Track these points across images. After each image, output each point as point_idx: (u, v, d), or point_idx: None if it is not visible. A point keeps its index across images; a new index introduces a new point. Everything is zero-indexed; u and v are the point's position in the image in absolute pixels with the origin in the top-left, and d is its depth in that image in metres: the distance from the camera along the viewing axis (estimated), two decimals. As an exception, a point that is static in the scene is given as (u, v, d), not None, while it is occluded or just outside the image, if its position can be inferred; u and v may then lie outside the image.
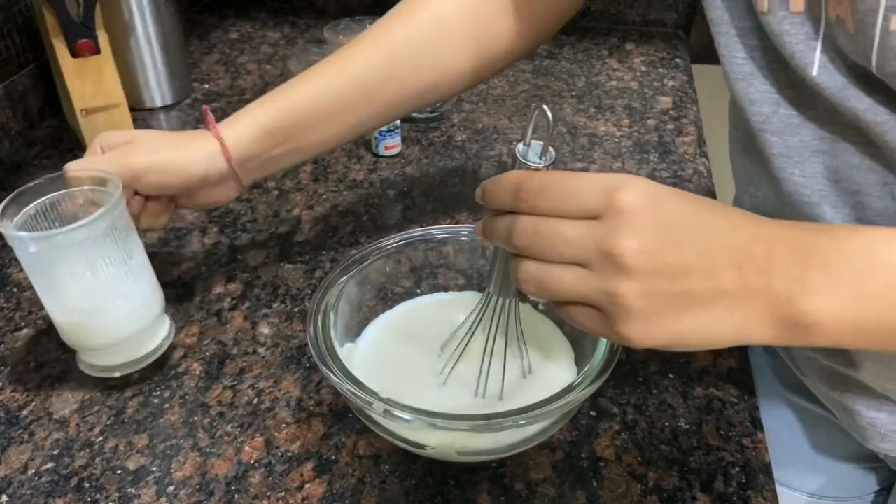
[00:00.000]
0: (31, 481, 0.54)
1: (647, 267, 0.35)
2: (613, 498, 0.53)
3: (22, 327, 0.68)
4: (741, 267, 0.35)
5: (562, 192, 0.36)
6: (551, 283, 0.38)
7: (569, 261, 0.37)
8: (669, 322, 0.36)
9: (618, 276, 0.35)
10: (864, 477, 0.70)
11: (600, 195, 0.36)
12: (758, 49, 0.48)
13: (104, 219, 0.55)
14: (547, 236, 0.37)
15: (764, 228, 0.35)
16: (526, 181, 0.38)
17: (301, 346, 0.65)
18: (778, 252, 0.34)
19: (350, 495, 0.53)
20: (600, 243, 0.35)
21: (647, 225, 0.35)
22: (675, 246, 0.35)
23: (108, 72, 0.91)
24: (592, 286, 0.36)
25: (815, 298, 0.34)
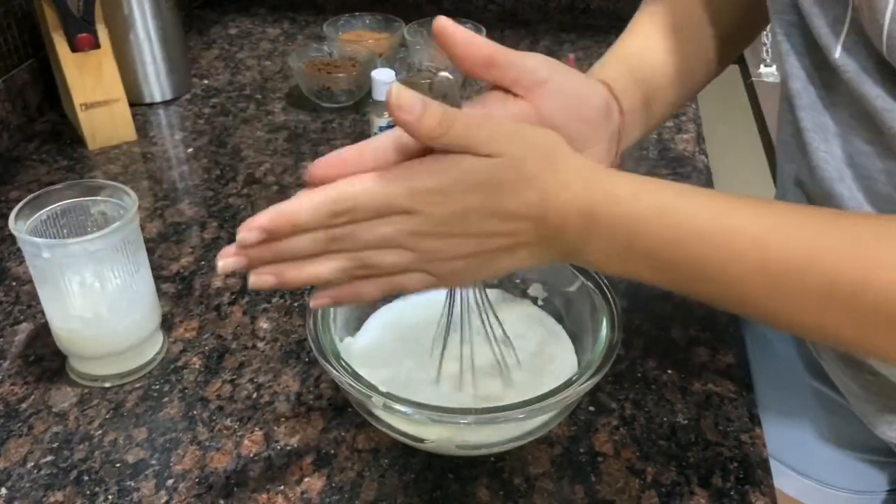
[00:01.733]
0: (31, 474, 0.54)
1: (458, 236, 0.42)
2: (612, 492, 0.53)
3: (21, 321, 0.68)
4: (538, 230, 0.42)
5: (374, 205, 0.41)
6: (388, 261, 0.42)
7: (392, 246, 0.42)
8: (485, 267, 0.44)
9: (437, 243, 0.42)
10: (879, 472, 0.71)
11: (411, 200, 0.40)
12: (794, 26, 0.49)
13: (120, 232, 0.56)
14: (368, 238, 0.42)
15: (556, 198, 0.41)
16: (336, 201, 0.40)
17: (300, 341, 0.66)
18: (569, 218, 0.42)
19: (349, 489, 0.53)
20: (417, 230, 0.41)
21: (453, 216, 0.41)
22: (478, 222, 0.41)
23: (108, 66, 0.91)
24: (417, 256, 0.42)
25: (594, 252, 0.43)
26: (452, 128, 0.39)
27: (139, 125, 0.98)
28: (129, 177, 0.89)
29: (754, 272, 0.40)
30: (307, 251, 0.42)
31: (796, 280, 0.39)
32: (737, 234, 0.40)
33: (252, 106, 1.05)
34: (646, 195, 0.42)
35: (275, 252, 0.42)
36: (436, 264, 0.43)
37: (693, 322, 0.67)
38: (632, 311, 0.68)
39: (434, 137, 0.39)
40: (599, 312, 0.54)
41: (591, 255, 0.43)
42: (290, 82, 1.11)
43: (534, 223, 0.42)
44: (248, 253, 0.41)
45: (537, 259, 0.44)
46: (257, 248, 0.41)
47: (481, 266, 0.43)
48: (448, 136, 0.40)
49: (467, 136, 0.40)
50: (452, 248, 0.42)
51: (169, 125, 1.02)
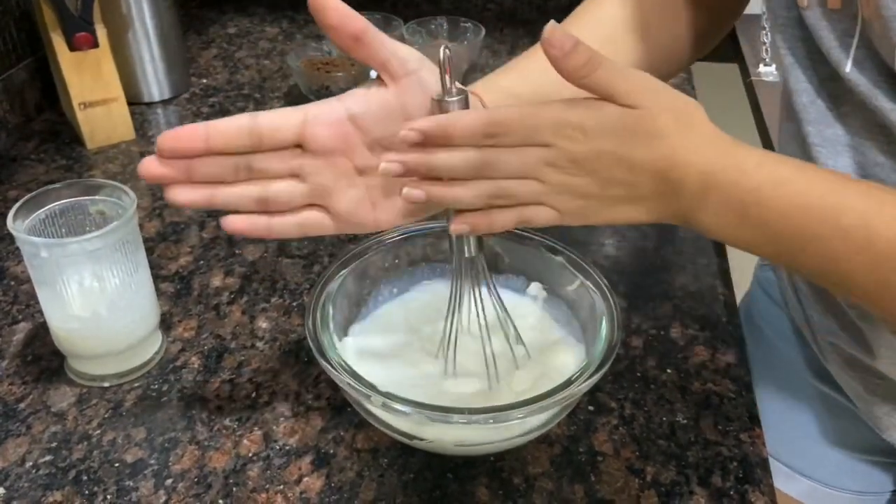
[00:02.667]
0: (29, 474, 0.54)
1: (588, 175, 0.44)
2: (611, 492, 0.53)
3: (19, 320, 0.68)
4: (658, 186, 0.43)
5: (523, 131, 0.43)
6: (523, 190, 0.44)
7: (528, 176, 0.44)
8: (602, 212, 0.45)
9: (568, 179, 0.44)
10: (883, 473, 0.71)
11: (554, 133, 0.42)
12: (799, 40, 0.49)
13: (118, 231, 0.56)
14: (512, 164, 0.44)
15: (683, 159, 0.43)
16: (490, 123, 0.42)
17: (299, 341, 0.65)
18: (689, 178, 0.43)
19: (348, 489, 0.53)
20: (554, 163, 0.43)
21: (587, 155, 0.43)
22: (607, 166, 0.43)
23: (106, 66, 0.91)
24: (547, 188, 0.44)
25: (708, 216, 0.44)
26: (597, 71, 0.41)
27: (138, 124, 0.98)
28: (127, 176, 0.89)
29: (858, 249, 0.41)
30: (455, 169, 0.44)
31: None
32: (846, 210, 0.41)
33: (251, 105, 1.05)
34: (768, 166, 0.43)
35: (428, 161, 0.44)
36: (563, 199, 0.44)
37: (692, 321, 0.67)
38: (631, 311, 0.68)
39: (579, 76, 0.41)
40: (599, 312, 0.54)
41: (704, 219, 0.44)
42: (288, 81, 1.11)
43: (655, 178, 0.43)
44: (406, 160, 0.44)
45: (653, 214, 0.45)
46: (414, 154, 0.43)
47: (602, 209, 0.45)
48: (591, 78, 0.41)
49: (609, 83, 0.42)
50: (580, 186, 0.44)
51: (167, 124, 1.01)
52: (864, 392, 0.60)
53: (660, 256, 0.76)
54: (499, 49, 1.20)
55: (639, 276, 0.74)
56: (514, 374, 0.55)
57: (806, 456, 0.73)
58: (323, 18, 0.44)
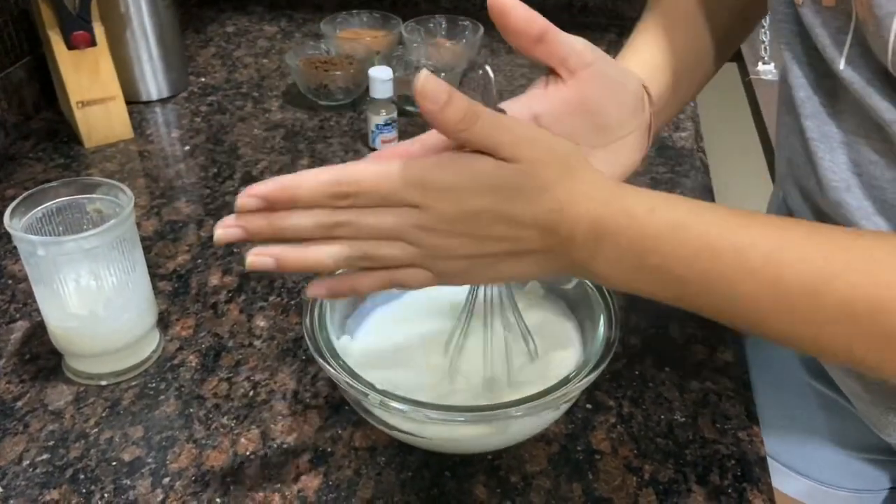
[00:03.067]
0: (26, 472, 0.54)
1: (463, 236, 0.41)
2: (609, 490, 0.53)
3: (17, 319, 0.67)
4: (547, 240, 0.41)
5: (380, 192, 0.40)
6: (389, 254, 0.42)
7: (393, 238, 0.41)
8: (487, 271, 0.43)
9: (440, 241, 0.41)
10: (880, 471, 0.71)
11: (421, 194, 0.40)
12: (797, 36, 0.49)
13: (115, 230, 0.56)
14: (371, 226, 0.41)
15: (570, 210, 0.41)
16: (339, 183, 0.40)
17: (297, 339, 0.65)
18: (579, 230, 0.41)
19: (346, 487, 0.53)
20: (424, 225, 0.41)
21: (461, 216, 0.41)
22: (485, 225, 0.41)
23: (104, 64, 0.91)
24: (418, 252, 0.42)
25: (602, 266, 0.42)
26: (476, 124, 0.39)
27: (136, 123, 0.98)
28: (125, 175, 0.89)
29: (767, 290, 0.39)
30: (307, 232, 0.41)
31: (810, 299, 0.39)
32: (749, 251, 0.39)
33: (249, 104, 1.05)
34: (661, 211, 0.41)
35: (273, 226, 0.41)
36: (438, 262, 0.42)
37: (691, 320, 0.67)
38: (629, 309, 0.68)
39: (457, 131, 0.39)
40: (596, 310, 0.54)
41: (600, 269, 0.42)
42: (287, 80, 1.11)
43: (543, 232, 0.41)
44: (247, 225, 0.40)
45: (542, 268, 0.43)
46: (256, 219, 0.40)
47: (484, 269, 0.43)
48: (471, 132, 0.39)
49: (491, 136, 0.39)
50: (457, 248, 0.41)
51: (166, 123, 1.01)
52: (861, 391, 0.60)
53: (658, 255, 0.76)
54: (497, 48, 1.20)
55: (637, 274, 0.74)
56: (513, 372, 0.55)
57: (803, 455, 0.73)
58: (505, 23, 0.43)
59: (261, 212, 0.40)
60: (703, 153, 0.94)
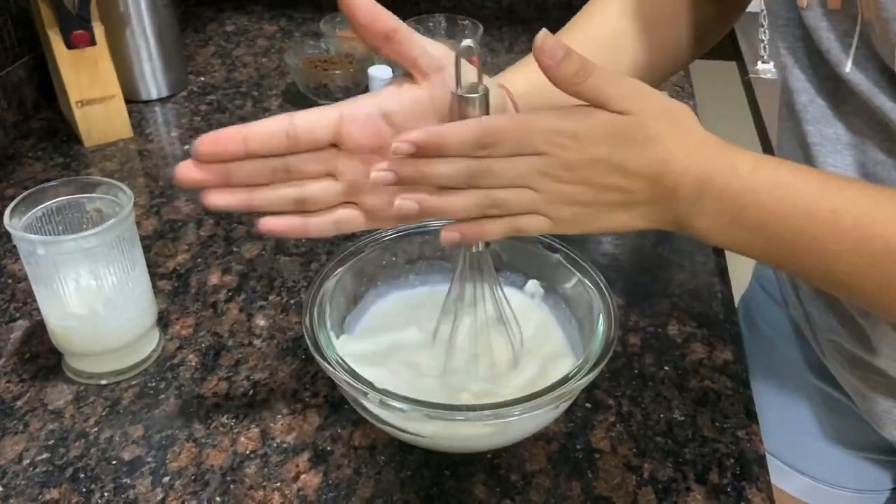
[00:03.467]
0: (26, 472, 0.54)
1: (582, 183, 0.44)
2: (608, 489, 0.53)
3: (17, 318, 0.68)
4: (653, 191, 0.44)
5: (516, 141, 0.43)
6: (516, 200, 0.44)
7: (521, 185, 0.44)
8: (598, 219, 0.45)
9: (562, 187, 0.44)
10: (882, 471, 0.71)
11: (547, 141, 0.43)
12: (799, 40, 0.50)
13: (115, 229, 0.56)
14: (505, 174, 0.44)
15: (677, 163, 0.43)
16: (483, 134, 0.42)
17: (297, 338, 0.65)
18: (683, 183, 0.43)
19: (346, 486, 0.53)
20: (548, 171, 0.43)
21: (581, 162, 0.43)
22: (602, 173, 0.43)
23: (104, 63, 0.91)
24: (541, 197, 0.44)
25: (703, 220, 0.44)
26: (589, 79, 0.41)
27: (135, 122, 0.98)
28: (125, 174, 0.89)
29: (855, 251, 0.41)
30: (448, 179, 0.44)
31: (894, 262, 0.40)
32: (842, 212, 0.41)
33: (249, 103, 1.05)
34: (763, 170, 0.43)
35: (421, 172, 0.44)
36: (557, 207, 0.45)
37: (690, 319, 0.67)
38: (629, 308, 0.68)
39: (571, 84, 0.41)
40: (596, 309, 0.54)
41: (700, 224, 0.44)
42: (286, 79, 1.11)
43: (650, 183, 0.43)
44: (398, 170, 0.44)
45: (649, 220, 0.45)
46: (407, 164, 0.43)
47: (597, 217, 0.45)
48: (584, 86, 0.42)
49: (601, 90, 0.42)
50: (574, 194, 0.44)
51: (165, 122, 1.01)
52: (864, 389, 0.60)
53: (658, 254, 0.76)
54: (497, 47, 1.20)
55: (637, 273, 0.74)
56: (513, 371, 0.55)
57: (805, 454, 0.73)
58: (352, 16, 0.43)
59: (410, 157, 0.43)
60: (702, 152, 0.94)
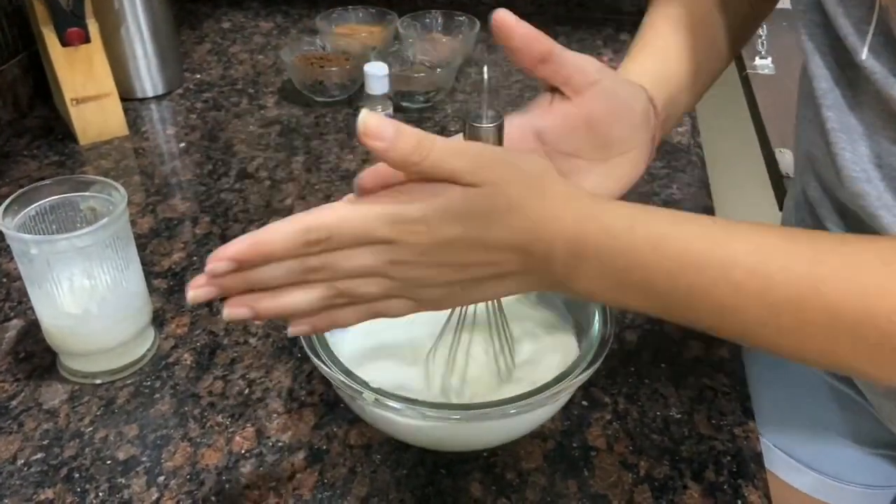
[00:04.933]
0: (21, 472, 0.54)
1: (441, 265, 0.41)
2: (604, 487, 0.53)
3: (11, 318, 0.67)
4: (524, 261, 0.41)
5: (352, 234, 0.40)
6: (366, 291, 0.41)
7: (370, 275, 0.41)
8: (468, 294, 0.43)
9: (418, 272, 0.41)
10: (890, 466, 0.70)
11: (391, 229, 0.39)
12: (819, 26, 0.49)
13: (109, 228, 0.56)
14: (346, 268, 0.40)
15: (544, 229, 0.40)
16: (309, 231, 0.39)
17: (292, 337, 0.65)
18: (556, 248, 0.40)
19: (341, 485, 0.53)
20: (399, 259, 0.40)
21: (435, 246, 0.40)
22: (461, 253, 0.40)
23: (99, 61, 0.90)
24: (397, 284, 0.41)
25: (584, 283, 0.41)
26: (430, 156, 0.38)
27: (131, 120, 0.98)
28: (120, 172, 0.89)
29: (753, 302, 0.39)
30: (282, 280, 0.40)
31: (797, 310, 0.38)
32: (734, 264, 0.39)
33: (244, 100, 1.04)
34: (641, 226, 0.40)
35: (247, 281, 0.40)
36: (418, 291, 0.42)
37: (687, 316, 0.67)
38: (625, 305, 0.68)
39: (410, 165, 0.38)
40: (591, 307, 0.54)
41: (582, 286, 0.42)
42: (282, 76, 1.11)
43: (519, 253, 0.41)
44: (220, 283, 0.40)
45: (524, 287, 0.43)
46: (229, 277, 0.40)
47: (465, 292, 0.43)
48: (425, 164, 0.38)
49: (447, 164, 0.38)
50: (435, 277, 0.41)
51: (161, 120, 1.01)
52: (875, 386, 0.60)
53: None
54: (494, 44, 1.20)
55: (633, 270, 0.74)
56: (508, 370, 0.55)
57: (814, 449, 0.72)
58: (508, 41, 0.42)
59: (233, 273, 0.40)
60: (699, 148, 0.94)
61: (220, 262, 0.39)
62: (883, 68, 0.43)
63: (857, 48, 0.44)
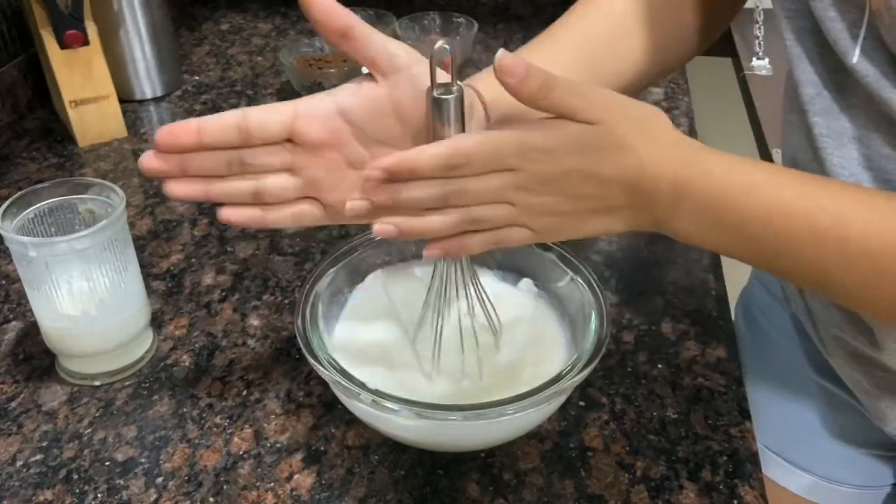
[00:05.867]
0: (20, 473, 0.54)
1: (558, 194, 0.45)
2: (601, 487, 0.53)
3: (11, 319, 0.68)
4: (631, 197, 0.44)
5: (486, 159, 0.43)
6: (494, 215, 0.45)
7: (498, 201, 0.45)
8: (578, 226, 0.46)
9: (538, 199, 0.45)
10: (883, 467, 0.71)
11: (519, 157, 0.43)
12: (805, 31, 0.49)
13: (107, 230, 0.56)
14: (478, 191, 0.44)
15: (652, 169, 0.43)
16: (452, 155, 0.43)
17: (291, 338, 0.65)
18: (660, 188, 0.44)
19: (339, 486, 0.53)
20: (523, 185, 0.44)
21: (554, 175, 0.44)
22: (576, 183, 0.44)
23: (97, 63, 0.90)
24: (519, 210, 0.45)
25: (682, 223, 0.45)
26: (553, 92, 0.42)
27: (130, 122, 0.98)
28: (119, 174, 0.89)
29: (833, 250, 0.42)
30: (423, 202, 0.44)
31: (873, 260, 0.41)
32: (819, 212, 0.42)
33: (243, 102, 1.05)
34: (737, 172, 0.43)
35: (394, 198, 0.44)
36: (536, 219, 0.45)
37: (683, 317, 0.67)
38: (623, 306, 0.68)
39: (536, 100, 0.42)
40: (588, 307, 0.54)
41: (679, 226, 0.45)
42: (281, 78, 1.11)
43: (626, 189, 0.44)
44: (372, 197, 0.45)
45: (628, 224, 0.46)
46: (379, 192, 0.45)
47: (577, 224, 0.46)
48: (548, 100, 0.42)
49: (567, 102, 0.42)
50: (552, 205, 0.45)
51: (160, 122, 1.01)
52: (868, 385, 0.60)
53: (651, 251, 0.76)
54: (492, 44, 1.20)
55: (630, 271, 0.74)
56: (505, 370, 0.55)
57: (806, 451, 0.73)
58: (309, 13, 0.44)
59: (383, 183, 0.44)
60: (697, 149, 0.94)
61: (374, 170, 0.44)
62: (875, 70, 0.44)
63: (847, 52, 0.45)
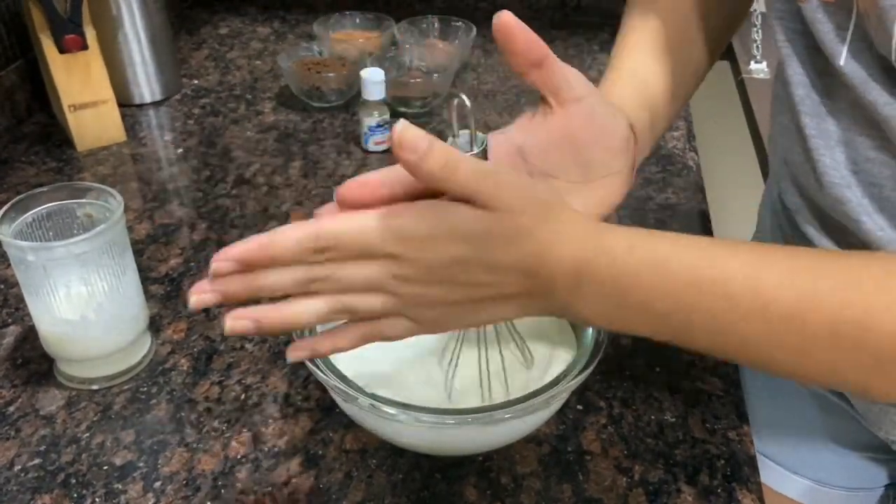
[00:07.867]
0: (18, 477, 0.54)
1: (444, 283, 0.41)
2: (599, 491, 0.53)
3: (9, 324, 0.68)
4: (528, 284, 0.41)
5: (355, 244, 0.39)
6: (369, 305, 0.41)
7: (373, 290, 0.41)
8: (468, 316, 0.43)
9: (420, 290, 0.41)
10: (875, 469, 0.71)
11: (396, 244, 0.39)
12: (796, 33, 0.49)
13: (105, 234, 0.56)
14: (350, 279, 0.40)
15: (551, 254, 0.40)
16: (316, 238, 0.39)
17: (289, 342, 0.65)
18: (559, 273, 0.41)
19: (337, 490, 0.53)
20: (403, 275, 0.40)
21: (440, 264, 0.40)
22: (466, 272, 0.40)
23: (96, 67, 0.91)
24: (398, 301, 0.41)
25: (587, 307, 0.42)
26: (455, 175, 0.38)
27: (128, 126, 0.98)
28: (118, 178, 0.89)
29: (752, 319, 0.39)
30: (285, 288, 0.40)
31: (797, 325, 0.38)
32: (732, 281, 0.39)
33: (242, 106, 1.05)
34: (640, 249, 0.41)
35: (250, 287, 0.39)
36: (419, 310, 0.42)
37: (681, 320, 0.67)
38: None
39: (437, 180, 0.38)
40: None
41: (583, 310, 0.42)
42: (280, 82, 1.11)
43: (523, 276, 0.41)
44: (223, 288, 0.39)
45: (525, 310, 0.43)
46: (232, 282, 0.39)
47: (466, 314, 0.42)
48: (451, 181, 0.38)
49: (469, 185, 0.38)
50: (437, 296, 0.41)
51: (158, 126, 1.01)
52: None
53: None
54: (490, 48, 1.20)
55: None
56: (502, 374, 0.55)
57: (799, 455, 0.73)
58: (508, 43, 0.43)
59: (236, 274, 0.39)
60: (695, 152, 0.94)
61: (224, 262, 0.38)
62: (862, 73, 0.44)
63: (835, 54, 0.45)
